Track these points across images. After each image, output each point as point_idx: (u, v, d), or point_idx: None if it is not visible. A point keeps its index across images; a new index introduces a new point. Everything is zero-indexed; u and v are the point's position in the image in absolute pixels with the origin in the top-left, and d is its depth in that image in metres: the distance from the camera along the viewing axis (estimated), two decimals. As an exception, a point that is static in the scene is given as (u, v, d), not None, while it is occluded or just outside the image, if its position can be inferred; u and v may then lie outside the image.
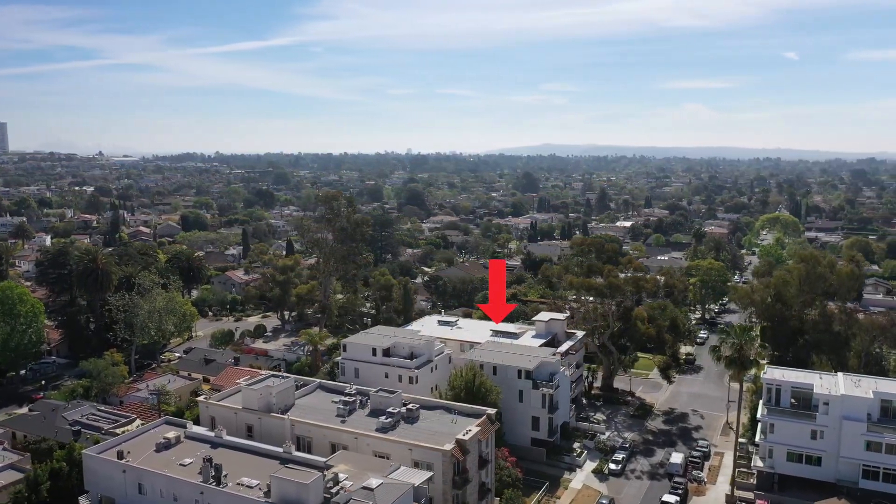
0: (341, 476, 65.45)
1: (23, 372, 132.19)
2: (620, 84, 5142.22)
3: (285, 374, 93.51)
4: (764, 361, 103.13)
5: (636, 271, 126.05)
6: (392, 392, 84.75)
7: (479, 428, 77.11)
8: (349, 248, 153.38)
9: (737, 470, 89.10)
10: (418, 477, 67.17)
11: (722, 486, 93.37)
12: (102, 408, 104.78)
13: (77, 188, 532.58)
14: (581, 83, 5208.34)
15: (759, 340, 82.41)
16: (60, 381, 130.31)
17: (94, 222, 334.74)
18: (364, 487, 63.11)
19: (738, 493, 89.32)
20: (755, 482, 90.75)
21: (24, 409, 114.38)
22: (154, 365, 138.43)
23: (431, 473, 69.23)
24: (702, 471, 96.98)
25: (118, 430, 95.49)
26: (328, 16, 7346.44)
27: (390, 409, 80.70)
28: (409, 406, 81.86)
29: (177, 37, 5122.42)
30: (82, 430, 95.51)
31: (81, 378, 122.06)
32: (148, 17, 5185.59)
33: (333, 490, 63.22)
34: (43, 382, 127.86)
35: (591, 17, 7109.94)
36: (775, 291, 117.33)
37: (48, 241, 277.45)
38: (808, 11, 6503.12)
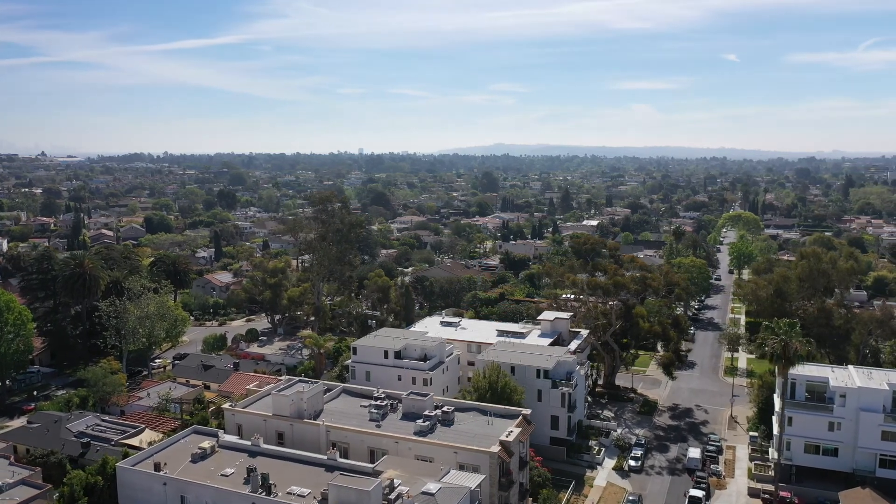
0: (396, 482, 64.58)
1: (7, 382, 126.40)
2: (568, 85, 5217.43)
3: (314, 380, 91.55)
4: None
5: (642, 269, 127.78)
6: (424, 395, 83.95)
7: (519, 429, 77.04)
8: (342, 249, 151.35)
9: (767, 463, 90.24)
10: (472, 480, 66.65)
11: (740, 479, 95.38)
12: (107, 418, 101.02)
13: (24, 189, 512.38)
14: (529, 83, 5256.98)
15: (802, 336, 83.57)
16: (49, 392, 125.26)
17: (53, 225, 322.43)
18: (424, 493, 62.23)
19: (760, 485, 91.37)
20: (773, 474, 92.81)
21: (17, 421, 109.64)
22: (146, 372, 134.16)
23: (483, 476, 68.72)
24: (718, 465, 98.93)
25: (129, 441, 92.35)
26: (278, 14, 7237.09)
27: (426, 413, 79.93)
28: (444, 409, 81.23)
29: (119, 34, 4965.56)
30: (91, 441, 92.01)
31: (75, 388, 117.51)
32: (87, 13, 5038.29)
33: (392, 496, 62.35)
34: (35, 393, 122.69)
35: (536, 19, 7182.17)
36: (775, 288, 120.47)
37: (5, 245, 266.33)
38: (745, 14, 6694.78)
